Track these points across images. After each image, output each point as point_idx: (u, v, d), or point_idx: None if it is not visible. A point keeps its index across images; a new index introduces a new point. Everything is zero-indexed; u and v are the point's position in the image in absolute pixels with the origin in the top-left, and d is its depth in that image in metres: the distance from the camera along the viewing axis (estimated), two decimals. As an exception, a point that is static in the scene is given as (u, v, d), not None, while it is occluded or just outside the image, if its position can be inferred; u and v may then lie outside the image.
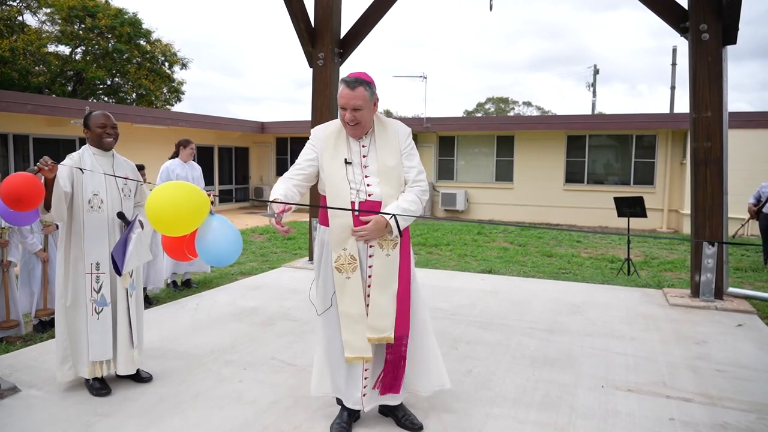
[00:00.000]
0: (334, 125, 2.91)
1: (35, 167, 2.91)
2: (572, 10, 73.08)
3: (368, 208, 2.76)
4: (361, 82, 2.73)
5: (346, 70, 7.78)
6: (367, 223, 2.72)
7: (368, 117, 2.79)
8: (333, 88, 7.31)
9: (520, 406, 3.27)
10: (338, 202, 2.76)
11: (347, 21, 7.43)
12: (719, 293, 5.75)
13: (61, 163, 3.29)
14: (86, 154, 3.38)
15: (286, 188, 2.79)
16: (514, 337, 4.56)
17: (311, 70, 7.38)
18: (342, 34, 7.42)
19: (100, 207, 3.30)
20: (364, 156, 2.83)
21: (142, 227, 3.41)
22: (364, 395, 2.86)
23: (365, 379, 2.86)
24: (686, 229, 12.92)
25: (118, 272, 3.16)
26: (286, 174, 2.90)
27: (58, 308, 3.39)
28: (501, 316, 5.15)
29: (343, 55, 7.42)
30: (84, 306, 3.33)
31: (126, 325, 3.40)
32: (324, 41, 7.20)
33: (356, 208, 2.76)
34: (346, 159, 2.81)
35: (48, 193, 3.00)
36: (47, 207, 3.04)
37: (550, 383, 3.61)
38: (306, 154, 2.90)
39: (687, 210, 12.85)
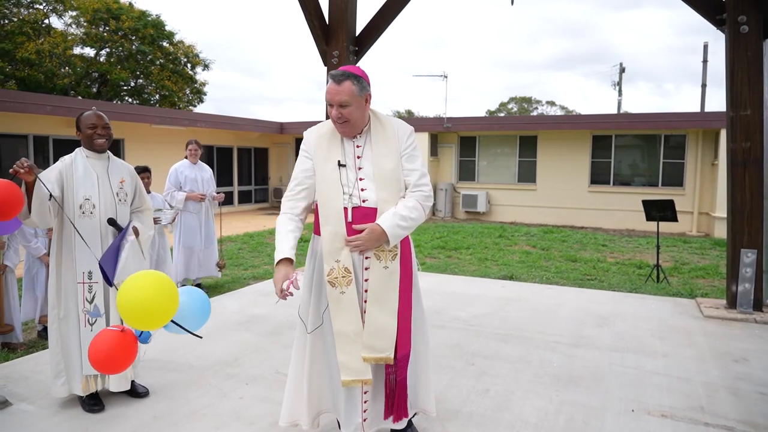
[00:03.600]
0: (327, 126, 2.63)
1: (11, 170, 2.72)
2: (594, 8, 71.92)
3: (362, 214, 2.50)
4: (349, 75, 2.46)
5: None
6: (361, 231, 2.46)
7: (358, 114, 2.50)
8: (348, 87, 7.08)
9: (542, 432, 2.99)
10: (329, 209, 2.50)
11: (363, 17, 7.21)
12: (758, 304, 5.35)
13: (52, 165, 3.12)
14: (79, 156, 3.20)
15: (294, 239, 2.53)
16: (536, 351, 4.26)
17: (325, 69, 7.16)
18: (357, 32, 7.19)
19: (92, 212, 3.11)
20: (358, 157, 2.56)
21: (137, 235, 3.22)
22: (364, 420, 2.59)
23: (365, 402, 2.59)
24: (718, 232, 12.38)
25: (109, 283, 2.96)
26: (286, 204, 2.64)
27: (50, 320, 3.21)
28: (522, 328, 4.86)
29: (359, 53, 7.18)
30: (76, 317, 3.15)
31: (119, 338, 3.21)
32: (338, 39, 6.96)
33: (349, 214, 2.50)
34: (339, 161, 2.54)
35: (29, 197, 2.81)
36: (29, 210, 2.85)
37: (574, 405, 3.31)
38: (301, 163, 2.64)
39: (718, 213, 12.32)
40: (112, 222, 3.16)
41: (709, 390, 3.55)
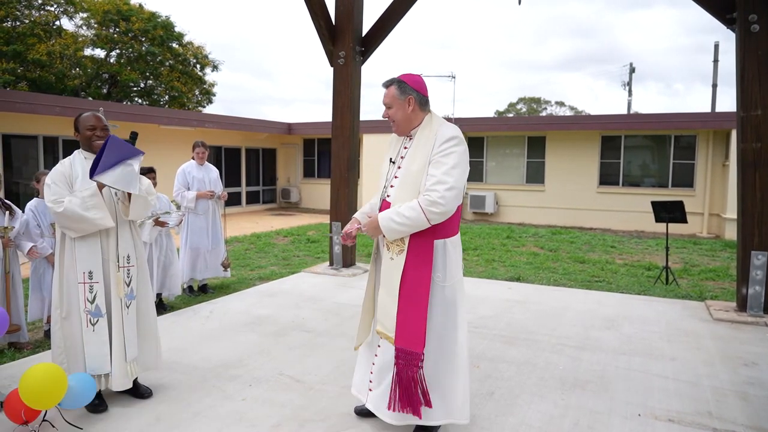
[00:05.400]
0: None
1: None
2: (603, 8, 71.41)
3: (385, 207, 2.80)
4: (394, 80, 2.80)
5: (367, 69, 7.55)
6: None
7: (400, 115, 2.78)
8: (354, 87, 7.08)
9: (546, 437, 2.95)
10: (375, 198, 2.94)
11: (370, 18, 7.20)
12: (769, 307, 5.28)
13: (53, 168, 3.13)
14: (77, 159, 3.20)
15: (369, 206, 3.01)
16: (542, 354, 4.22)
17: (332, 69, 7.15)
18: (364, 32, 7.18)
19: (91, 213, 3.12)
20: (401, 157, 2.81)
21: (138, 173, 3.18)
22: (370, 390, 2.89)
23: (371, 373, 2.89)
24: (728, 234, 12.25)
25: (91, 173, 2.97)
26: None
27: (53, 320, 3.22)
28: (528, 330, 4.81)
29: (365, 54, 7.18)
30: (78, 317, 3.15)
31: (120, 338, 3.21)
32: (345, 39, 6.96)
33: (380, 206, 2.88)
34: (391, 158, 2.87)
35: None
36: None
37: (580, 410, 3.27)
38: None
39: (729, 214, 12.19)
40: (133, 135, 3.35)
41: (718, 394, 3.50)
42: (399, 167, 2.78)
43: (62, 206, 3.01)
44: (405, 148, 2.81)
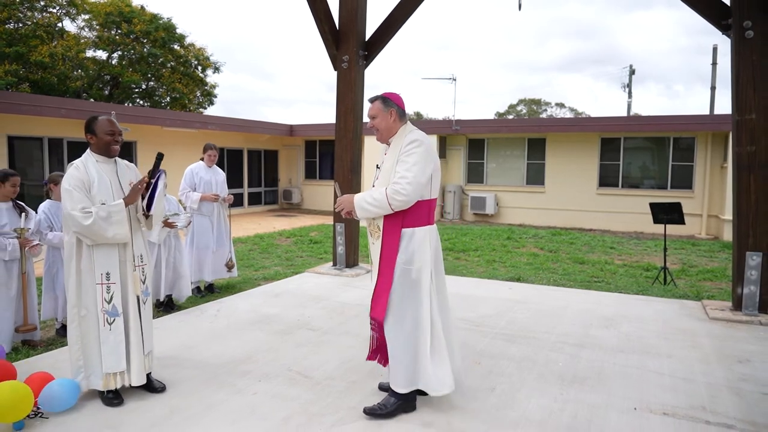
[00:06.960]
0: None
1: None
2: (603, 9, 71.54)
3: None
4: (378, 96, 3.28)
5: (371, 72, 7.67)
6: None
7: (384, 124, 3.24)
8: (357, 91, 7.20)
9: (546, 430, 3.07)
10: None
11: (373, 22, 7.33)
12: (764, 307, 5.39)
13: (68, 173, 3.22)
14: (90, 162, 3.29)
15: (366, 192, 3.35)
16: (542, 351, 4.34)
17: (335, 73, 7.27)
18: (367, 36, 7.30)
19: (107, 215, 3.24)
20: (383, 162, 3.27)
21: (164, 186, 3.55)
22: None
23: None
24: (726, 235, 12.37)
25: (147, 211, 3.34)
26: None
27: (70, 319, 3.33)
28: (528, 329, 4.93)
29: (368, 58, 7.30)
30: (95, 316, 3.27)
31: (138, 334, 3.33)
32: (348, 43, 7.08)
33: None
34: (378, 164, 3.33)
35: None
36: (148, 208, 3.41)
37: (578, 404, 3.39)
38: None
39: (727, 216, 12.31)
40: (160, 156, 3.49)
41: (712, 390, 3.62)
42: (380, 170, 3.27)
43: (90, 218, 3.11)
44: (385, 154, 3.27)
